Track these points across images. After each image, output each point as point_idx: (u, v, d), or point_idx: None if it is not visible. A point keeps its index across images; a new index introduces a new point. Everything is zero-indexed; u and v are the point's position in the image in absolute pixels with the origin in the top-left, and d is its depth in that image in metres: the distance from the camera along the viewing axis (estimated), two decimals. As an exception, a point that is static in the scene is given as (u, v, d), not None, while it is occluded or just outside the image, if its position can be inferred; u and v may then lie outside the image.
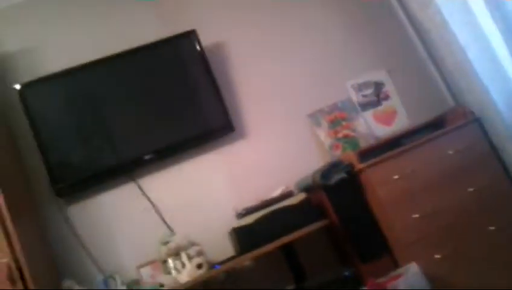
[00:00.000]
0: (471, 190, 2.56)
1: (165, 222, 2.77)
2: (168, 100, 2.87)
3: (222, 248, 2.69)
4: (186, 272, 2.45)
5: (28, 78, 2.76)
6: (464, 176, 2.60)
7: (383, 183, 2.53)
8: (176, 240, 2.56)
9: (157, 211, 2.78)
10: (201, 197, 2.84)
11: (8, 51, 2.90)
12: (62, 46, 2.95)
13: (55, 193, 2.67)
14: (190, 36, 2.94)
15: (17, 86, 2.71)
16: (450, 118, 2.85)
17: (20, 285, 2.08)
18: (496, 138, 2.71)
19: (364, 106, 3.12)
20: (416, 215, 2.49)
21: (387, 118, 3.12)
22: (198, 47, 2.93)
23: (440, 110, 2.98)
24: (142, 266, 2.63)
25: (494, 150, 2.71)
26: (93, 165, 2.75)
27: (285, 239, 2.47)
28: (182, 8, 3.13)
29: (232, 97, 3.02)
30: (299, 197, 2.58)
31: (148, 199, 2.80)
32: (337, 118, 3.06)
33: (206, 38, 2.98)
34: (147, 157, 2.77)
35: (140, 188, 2.81)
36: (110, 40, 2.96)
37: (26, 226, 2.40)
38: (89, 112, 2.82)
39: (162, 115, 2.86)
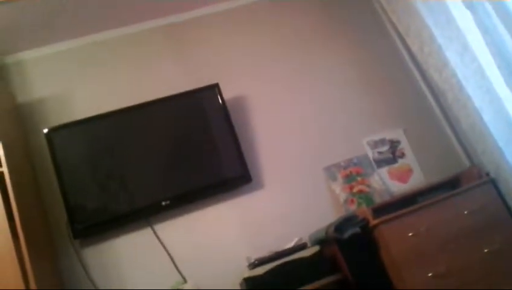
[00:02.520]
0: (486, 250, 2.53)
1: (177, 269, 2.78)
2: (188, 149, 2.95)
3: (233, 298, 2.68)
4: (196, 321, 2.44)
5: (55, 123, 2.89)
6: (479, 236, 2.57)
7: (397, 240, 2.52)
8: (187, 288, 2.56)
9: (171, 257, 2.80)
10: (214, 246, 2.86)
11: (39, 97, 3.05)
12: (90, 94, 3.10)
13: (72, 234, 2.71)
14: (213, 89, 3.06)
15: (45, 130, 2.83)
16: (465, 178, 2.86)
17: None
18: (511, 199, 2.70)
19: (380, 163, 3.16)
20: (430, 275, 2.46)
21: (402, 176, 3.14)
22: (220, 100, 3.05)
23: (455, 170, 3.00)
24: (152, 312, 2.62)
25: (509, 211, 2.69)
26: (110, 209, 2.80)
27: (297, 292, 2.45)
28: (206, 63, 3.28)
29: (250, 148, 3.09)
30: (313, 249, 2.58)
31: (163, 245, 2.82)
32: (352, 173, 3.09)
33: (228, 92, 3.10)
34: (163, 203, 2.81)
35: (155, 233, 2.84)
36: (136, 91, 3.11)
37: (42, 266, 2.44)
38: (110, 157, 2.90)
39: (181, 163, 2.92)
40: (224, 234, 2.90)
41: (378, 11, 3.56)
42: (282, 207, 2.98)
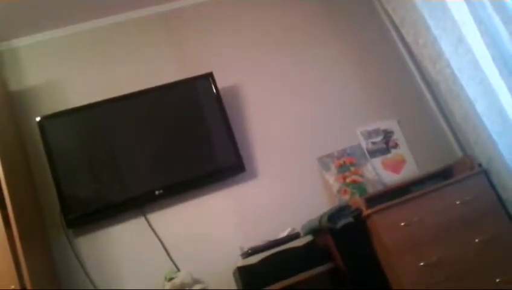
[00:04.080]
0: (477, 240, 2.56)
1: (170, 258, 2.78)
2: (182, 139, 2.94)
3: (226, 287, 2.69)
4: (190, 309, 2.45)
5: (48, 111, 2.87)
6: (471, 226, 2.59)
7: (389, 230, 2.53)
8: (181, 277, 2.57)
9: (164, 247, 2.80)
10: (208, 235, 2.86)
11: (31, 85, 3.03)
12: (83, 82, 3.08)
13: (65, 224, 2.71)
14: (207, 78, 3.05)
15: (38, 118, 2.81)
16: (458, 169, 2.88)
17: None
18: (502, 189, 2.71)
19: (373, 153, 3.17)
20: (422, 264, 2.48)
21: (395, 166, 3.16)
22: (214, 89, 3.04)
23: (448, 160, 3.01)
24: (146, 300, 2.63)
25: (501, 202, 2.71)
26: (104, 198, 2.79)
27: (290, 281, 2.45)
28: (200, 52, 3.26)
29: (244, 138, 3.09)
30: (306, 239, 2.59)
31: (156, 234, 2.82)
32: (345, 163, 3.10)
33: (222, 81, 3.09)
34: (157, 192, 2.81)
35: (148, 223, 2.84)
36: (130, 79, 3.08)
37: (35, 255, 2.43)
38: (103, 146, 2.89)
39: (175, 153, 2.91)
40: (217, 223, 2.91)
41: (373, 1, 3.55)
42: (276, 197, 2.99)
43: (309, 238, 2.60)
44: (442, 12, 2.84)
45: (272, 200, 2.98)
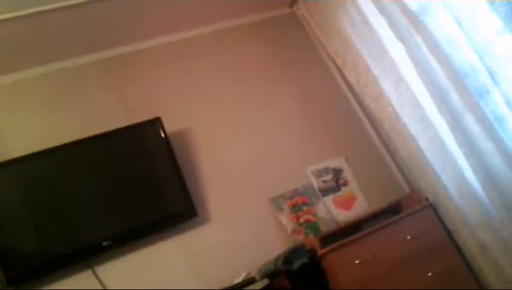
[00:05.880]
0: (430, 274, 2.60)
1: (122, 313, 2.65)
2: (130, 186, 2.86)
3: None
4: None
5: (-13, 162, 2.72)
6: (423, 260, 2.65)
7: (344, 268, 2.54)
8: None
9: (112, 299, 2.68)
10: (161, 285, 2.74)
11: (-32, 136, 2.88)
12: (25, 131, 2.96)
13: (6, 281, 2.52)
14: (155, 123, 3.00)
15: (-25, 171, 2.66)
16: (406, 204, 2.95)
17: None
18: (450, 222, 2.80)
19: (325, 192, 3.19)
20: (378, 301, 2.49)
21: (346, 203, 3.19)
22: (162, 134, 2.99)
23: (396, 195, 3.09)
24: None
25: (449, 235, 2.79)
26: (47, 252, 2.64)
27: (248, 328, 2.40)
28: (147, 97, 3.22)
29: (195, 182, 3.04)
30: (262, 283, 2.54)
31: (104, 288, 2.69)
32: (298, 203, 3.11)
33: (170, 125, 3.05)
34: (104, 243, 2.69)
35: (96, 275, 2.71)
36: (74, 127, 2.99)
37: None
38: (46, 196, 2.75)
39: (123, 201, 2.82)
40: (171, 271, 2.80)
41: (315, 44, 3.67)
42: (230, 240, 2.93)
43: (265, 282, 2.55)
44: (380, 53, 2.96)
45: (226, 244, 2.92)
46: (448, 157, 2.76)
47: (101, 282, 2.70)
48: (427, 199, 2.91)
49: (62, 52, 3.12)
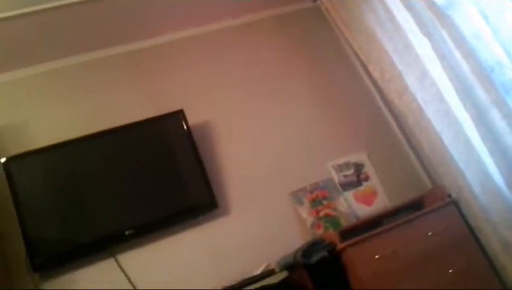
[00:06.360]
0: (451, 271, 2.57)
1: (142, 301, 2.70)
2: (152, 176, 2.90)
3: (201, 329, 2.62)
4: None
5: (14, 152, 2.79)
6: (444, 257, 2.61)
7: (364, 263, 2.53)
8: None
9: (135, 288, 2.71)
10: (181, 275, 2.78)
11: (-4, 126, 2.96)
12: (50, 122, 3.02)
13: (32, 268, 2.59)
14: (177, 115, 3.04)
15: (3, 160, 2.73)
16: (428, 200, 2.92)
17: None
18: (473, 219, 2.76)
19: (345, 186, 3.18)
20: (397, 296, 2.48)
21: (367, 198, 3.18)
22: (185, 126, 3.02)
23: (418, 191, 3.05)
24: None
25: (472, 231, 2.75)
26: (72, 240, 2.70)
27: (265, 320, 2.41)
28: (170, 89, 3.26)
29: (216, 174, 3.06)
30: (281, 275, 2.55)
31: (126, 276, 2.74)
32: (318, 197, 3.11)
33: (193, 118, 3.09)
34: (127, 232, 2.74)
35: (118, 264, 2.76)
36: (98, 118, 3.05)
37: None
38: (71, 186, 2.82)
39: (146, 191, 2.86)
40: (190, 262, 2.84)
41: (340, 39, 3.65)
42: (250, 233, 2.95)
43: (284, 274, 2.56)
44: (405, 48, 2.93)
45: (246, 236, 2.94)
46: (472, 153, 2.72)
47: (123, 270, 2.75)
48: (449, 196, 2.87)
49: (87, 45, 3.18)
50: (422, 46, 2.82)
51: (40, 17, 2.78)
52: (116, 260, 2.76)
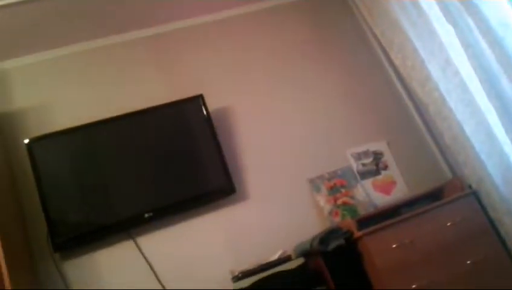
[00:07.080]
0: (469, 262, 2.55)
1: (160, 282, 2.73)
2: (171, 160, 2.92)
3: (217, 311, 2.65)
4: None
5: (36, 133, 2.84)
6: (462, 248, 2.59)
7: (381, 252, 2.52)
8: (171, 301, 2.53)
9: (153, 270, 2.76)
10: (198, 259, 2.82)
11: (19, 107, 3.00)
12: (72, 104, 3.06)
13: (52, 247, 2.65)
14: (197, 100, 3.05)
15: (26, 141, 2.78)
16: (448, 190, 2.89)
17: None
18: (493, 211, 2.73)
19: (364, 175, 3.17)
20: (414, 286, 2.46)
21: (386, 187, 3.16)
22: (204, 111, 3.03)
23: (438, 181, 3.02)
24: (133, 326, 2.58)
25: (491, 223, 2.72)
26: (92, 221, 2.75)
27: (281, 305, 2.43)
28: (190, 74, 3.27)
29: (234, 160, 3.08)
30: (297, 262, 2.57)
31: (145, 258, 2.78)
32: (336, 185, 3.10)
33: (212, 103, 3.10)
34: (146, 215, 2.78)
35: (137, 246, 2.80)
36: (119, 102, 3.08)
37: (21, 279, 2.38)
38: (92, 169, 2.86)
39: (165, 175, 2.89)
40: (208, 246, 2.87)
41: (362, 25, 3.60)
42: (267, 219, 2.97)
43: (300, 260, 2.57)
44: (429, 36, 2.88)
45: (263, 222, 2.96)
46: (494, 144, 2.68)
47: (141, 252, 2.79)
48: (470, 187, 2.84)
49: (109, 29, 3.20)
50: (446, 33, 2.76)
51: (63, 1, 2.79)
52: (135, 242, 2.81)
